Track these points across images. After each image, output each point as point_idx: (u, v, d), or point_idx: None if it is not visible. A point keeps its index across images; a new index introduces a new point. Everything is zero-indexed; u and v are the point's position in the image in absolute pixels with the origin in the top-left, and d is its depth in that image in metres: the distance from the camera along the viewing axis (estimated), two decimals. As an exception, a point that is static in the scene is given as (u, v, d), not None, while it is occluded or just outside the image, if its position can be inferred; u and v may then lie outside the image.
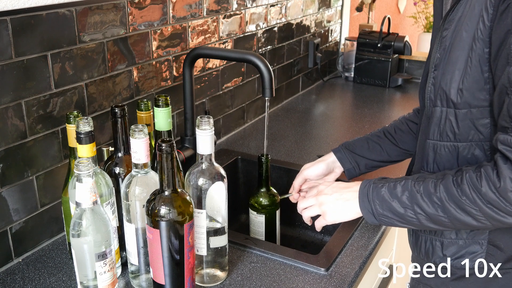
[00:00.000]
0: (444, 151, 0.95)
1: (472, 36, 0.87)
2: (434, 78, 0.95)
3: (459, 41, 0.90)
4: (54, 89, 1.08)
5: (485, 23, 0.85)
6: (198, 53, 1.30)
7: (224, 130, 1.73)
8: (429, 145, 0.97)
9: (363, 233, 1.18)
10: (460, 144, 0.93)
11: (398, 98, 2.19)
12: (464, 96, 0.90)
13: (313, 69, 2.31)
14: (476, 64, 0.87)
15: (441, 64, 0.93)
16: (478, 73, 0.88)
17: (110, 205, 0.97)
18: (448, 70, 0.92)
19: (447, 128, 0.94)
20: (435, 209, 0.87)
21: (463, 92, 0.90)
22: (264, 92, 1.22)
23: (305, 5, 2.11)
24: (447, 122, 0.93)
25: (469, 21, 0.88)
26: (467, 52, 0.88)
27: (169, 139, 0.83)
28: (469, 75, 0.89)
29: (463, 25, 0.89)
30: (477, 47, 0.87)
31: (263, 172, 1.31)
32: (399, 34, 2.29)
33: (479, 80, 0.88)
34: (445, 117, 0.93)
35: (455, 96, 0.91)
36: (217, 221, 0.99)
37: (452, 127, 0.93)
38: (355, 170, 1.24)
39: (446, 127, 0.94)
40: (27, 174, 1.06)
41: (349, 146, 1.26)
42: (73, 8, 1.09)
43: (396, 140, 1.23)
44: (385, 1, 3.57)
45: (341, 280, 1.02)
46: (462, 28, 0.89)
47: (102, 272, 0.85)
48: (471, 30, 0.88)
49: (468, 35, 0.88)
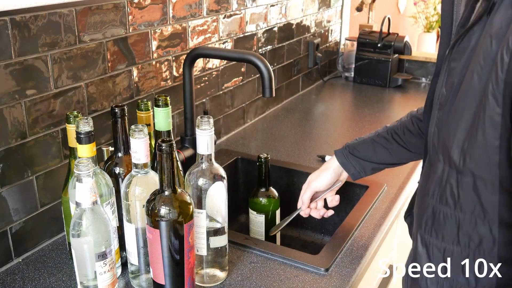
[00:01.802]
0: (443, 219, 0.80)
1: (483, 86, 0.69)
2: (438, 120, 0.81)
3: (469, 87, 0.72)
4: (54, 89, 1.08)
5: (499, 75, 0.67)
6: (198, 53, 1.30)
7: (224, 130, 1.73)
8: (428, 205, 0.83)
9: (363, 233, 1.18)
10: (461, 216, 0.78)
11: (398, 98, 2.19)
12: (467, 162, 0.74)
13: (313, 69, 2.31)
14: (484, 127, 0.70)
15: (446, 106, 0.78)
16: (485, 138, 0.71)
17: (110, 205, 0.97)
18: (452, 121, 0.76)
19: (447, 192, 0.79)
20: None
21: (467, 157, 0.74)
22: (264, 92, 1.22)
23: (305, 5, 2.11)
24: (448, 185, 0.78)
25: (483, 62, 0.69)
26: (475, 108, 0.71)
27: (169, 139, 0.83)
28: (474, 139, 0.72)
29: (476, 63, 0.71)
30: (486, 104, 0.69)
31: (263, 172, 1.31)
32: (399, 34, 2.29)
33: (487, 149, 0.71)
34: (446, 178, 0.78)
35: (458, 158, 0.75)
36: (217, 221, 0.99)
37: (453, 193, 0.78)
38: (360, 174, 1.15)
39: (447, 190, 0.79)
40: (27, 174, 1.06)
41: (353, 150, 1.15)
42: (73, 8, 1.09)
43: (405, 142, 1.11)
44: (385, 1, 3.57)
45: (341, 280, 1.02)
46: (474, 68, 0.71)
47: (102, 272, 0.85)
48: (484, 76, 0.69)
49: (480, 82, 0.70)
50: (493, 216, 0.75)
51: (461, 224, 0.79)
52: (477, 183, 0.75)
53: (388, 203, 1.30)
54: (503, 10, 0.69)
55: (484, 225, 0.76)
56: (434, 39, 4.21)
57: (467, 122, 0.73)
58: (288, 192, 1.50)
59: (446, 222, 0.80)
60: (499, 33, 0.68)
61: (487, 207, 0.75)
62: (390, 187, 1.38)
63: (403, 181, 1.41)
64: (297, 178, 1.48)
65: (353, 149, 1.15)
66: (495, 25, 0.70)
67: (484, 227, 0.77)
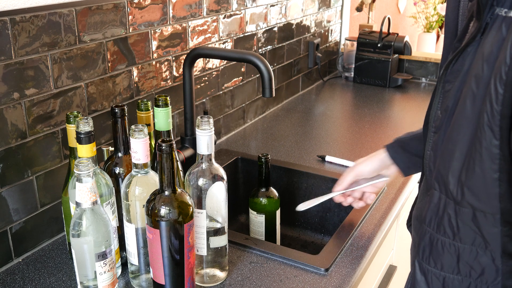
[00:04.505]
0: (442, 248, 0.77)
1: (478, 115, 0.66)
2: (434, 143, 0.78)
3: (462, 114, 0.69)
4: (54, 89, 1.08)
5: (493, 107, 0.63)
6: (198, 53, 1.30)
7: (224, 130, 1.73)
8: (425, 233, 0.80)
9: (363, 233, 1.18)
10: (461, 246, 0.74)
11: (398, 98, 2.19)
12: (465, 195, 0.71)
13: (313, 69, 2.31)
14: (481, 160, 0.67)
15: (441, 130, 0.76)
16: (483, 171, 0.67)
17: (110, 205, 0.97)
18: (447, 148, 0.73)
19: (445, 223, 0.75)
20: None
21: (464, 189, 0.70)
22: (264, 92, 1.22)
23: (305, 5, 2.11)
24: (446, 215, 0.75)
25: (476, 87, 0.66)
26: (470, 137, 0.68)
27: (169, 139, 0.83)
28: (472, 171, 0.68)
29: (469, 89, 0.68)
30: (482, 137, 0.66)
31: (263, 172, 1.31)
32: (399, 34, 2.29)
33: (486, 182, 0.68)
34: (444, 208, 0.75)
35: (455, 189, 0.72)
36: (217, 221, 0.99)
37: (452, 224, 0.74)
38: (411, 170, 1.09)
39: (444, 220, 0.75)
40: (27, 174, 1.06)
41: (404, 145, 1.08)
42: (73, 8, 1.09)
43: None
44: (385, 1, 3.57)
45: (341, 280, 1.02)
46: (467, 94, 0.68)
47: (102, 272, 0.86)
48: (477, 102, 0.66)
49: (473, 109, 0.67)
50: (496, 246, 0.72)
51: (461, 255, 0.75)
52: (477, 215, 0.72)
53: (388, 203, 1.30)
54: (494, 32, 0.67)
55: (486, 255, 0.73)
56: (434, 39, 4.21)
57: (462, 152, 0.70)
58: (288, 192, 1.50)
59: (445, 252, 0.77)
60: (490, 57, 0.66)
61: (489, 238, 0.72)
62: (390, 187, 1.38)
63: (403, 181, 1.41)
64: (297, 178, 1.49)
65: (404, 144, 1.08)
66: (486, 48, 0.67)
67: (486, 257, 0.73)
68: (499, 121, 0.64)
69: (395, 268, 1.44)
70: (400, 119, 1.93)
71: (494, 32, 0.66)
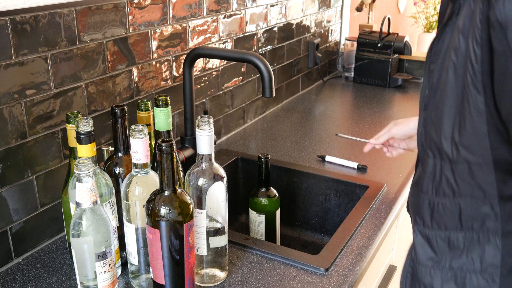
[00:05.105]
0: (443, 209, 0.82)
1: (461, 80, 0.73)
2: (424, 120, 0.84)
3: (446, 82, 0.76)
4: (54, 89, 1.08)
5: (475, 67, 0.71)
6: (198, 53, 1.30)
7: (224, 130, 1.73)
8: (423, 200, 0.85)
9: (363, 233, 1.18)
10: (462, 201, 0.80)
11: (398, 98, 2.19)
12: (461, 152, 0.77)
13: (313, 69, 2.31)
14: (471, 117, 0.74)
15: (429, 104, 0.82)
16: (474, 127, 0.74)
17: (110, 205, 0.97)
18: (436, 116, 0.79)
19: (444, 185, 0.81)
20: None
21: (459, 147, 0.77)
22: (264, 92, 1.22)
23: (305, 5, 2.11)
24: (443, 177, 0.80)
25: (455, 58, 0.74)
26: (458, 101, 0.75)
27: (169, 139, 0.83)
28: (464, 129, 0.75)
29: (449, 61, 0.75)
30: (469, 95, 0.73)
31: (263, 172, 1.31)
32: (399, 34, 2.29)
33: (477, 136, 0.74)
34: (440, 171, 0.81)
35: (450, 149, 0.78)
36: (217, 221, 0.99)
37: (450, 183, 0.80)
38: None
39: (442, 182, 0.81)
40: (27, 174, 1.06)
41: None
42: (73, 8, 1.09)
43: None
44: (385, 1, 3.57)
45: (341, 280, 1.02)
46: (448, 66, 0.76)
47: (102, 272, 0.86)
48: (459, 72, 0.74)
49: (457, 78, 0.74)
50: (492, 193, 0.78)
51: (463, 210, 0.80)
52: (473, 168, 0.77)
53: (388, 203, 1.30)
54: (465, 9, 0.74)
55: (485, 204, 0.79)
56: (434, 39, 4.21)
57: (450, 116, 0.77)
58: (288, 192, 1.50)
59: (446, 212, 0.82)
60: (464, 29, 0.73)
61: (486, 187, 0.77)
62: (390, 187, 1.38)
63: (403, 181, 1.41)
64: (297, 178, 1.49)
65: None
66: (460, 23, 0.74)
67: (485, 206, 0.79)
68: (481, 79, 0.71)
69: (395, 268, 1.44)
70: (400, 119, 1.92)
71: (465, 9, 0.74)
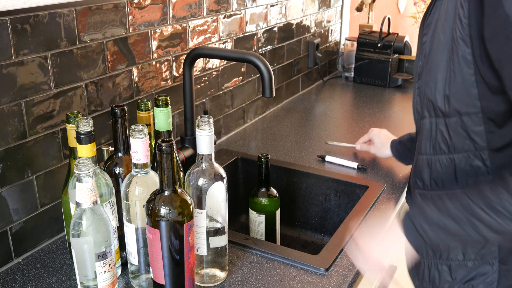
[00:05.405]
0: (440, 166, 0.89)
1: (451, 37, 0.81)
2: (418, 88, 0.90)
3: (438, 45, 0.83)
4: (54, 89, 1.08)
5: (462, 21, 0.78)
6: (198, 53, 1.30)
7: (224, 130, 1.73)
8: (422, 161, 0.92)
9: (363, 233, 1.17)
10: (456, 156, 0.87)
11: (398, 98, 2.19)
12: (451, 103, 0.84)
13: (313, 69, 2.31)
14: (460, 68, 0.81)
15: (423, 72, 0.88)
16: (463, 77, 0.81)
17: (110, 205, 0.97)
18: (431, 77, 0.86)
19: (439, 140, 0.88)
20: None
21: (450, 99, 0.83)
22: (264, 92, 1.22)
23: (305, 5, 2.11)
24: (438, 133, 0.88)
25: (445, 21, 0.82)
26: (448, 55, 0.82)
27: (169, 139, 0.83)
28: (453, 80, 0.82)
29: (439, 24, 0.83)
30: (457, 48, 0.80)
31: (263, 172, 1.31)
32: (399, 34, 2.29)
33: (466, 85, 0.81)
34: (436, 128, 0.88)
35: (442, 103, 0.85)
36: (217, 221, 0.99)
37: (445, 138, 0.87)
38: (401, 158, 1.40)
39: (438, 138, 0.88)
40: (27, 174, 1.06)
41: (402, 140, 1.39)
42: (73, 8, 1.09)
43: None
44: (385, 1, 3.57)
45: (341, 280, 1.02)
46: (439, 31, 0.83)
47: (102, 272, 0.86)
48: (448, 31, 0.81)
49: (446, 36, 0.82)
50: (482, 143, 0.84)
51: (457, 165, 0.87)
52: (464, 119, 0.83)
53: (388, 203, 1.30)
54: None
55: (477, 157, 0.85)
56: (434, 39, 4.21)
57: (443, 70, 0.83)
58: (288, 192, 1.50)
59: (443, 168, 0.89)
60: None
61: (476, 138, 0.84)
62: (390, 187, 1.38)
63: (403, 181, 1.41)
64: (297, 178, 1.49)
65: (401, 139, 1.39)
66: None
67: (477, 160, 0.85)
68: (468, 31, 0.78)
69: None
70: (400, 119, 1.92)
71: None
